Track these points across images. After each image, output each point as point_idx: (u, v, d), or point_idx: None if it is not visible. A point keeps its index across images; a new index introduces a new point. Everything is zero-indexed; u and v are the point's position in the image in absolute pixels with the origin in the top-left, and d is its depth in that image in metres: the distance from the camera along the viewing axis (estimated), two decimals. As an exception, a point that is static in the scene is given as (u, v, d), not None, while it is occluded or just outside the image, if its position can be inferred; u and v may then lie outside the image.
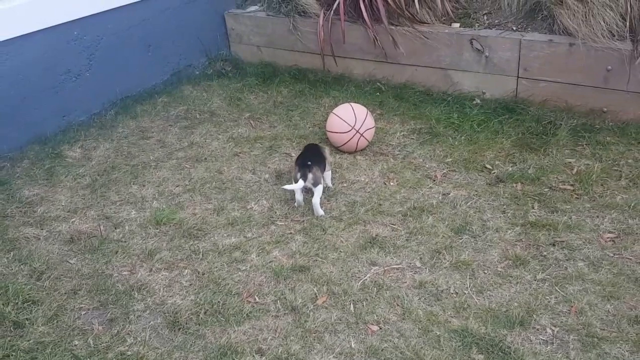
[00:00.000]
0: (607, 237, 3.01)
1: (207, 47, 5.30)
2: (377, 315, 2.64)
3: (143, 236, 3.23)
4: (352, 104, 4.03)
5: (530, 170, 3.58)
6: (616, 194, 3.32)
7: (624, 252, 2.91)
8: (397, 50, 4.59)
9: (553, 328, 2.53)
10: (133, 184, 3.73)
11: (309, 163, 3.30)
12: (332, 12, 4.66)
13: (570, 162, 3.62)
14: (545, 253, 2.95)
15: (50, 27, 4.14)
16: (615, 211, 3.19)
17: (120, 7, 4.56)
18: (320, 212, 3.29)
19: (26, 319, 2.68)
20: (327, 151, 3.63)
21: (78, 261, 3.07)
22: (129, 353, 2.50)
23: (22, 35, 3.99)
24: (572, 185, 3.42)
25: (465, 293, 2.74)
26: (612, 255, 2.90)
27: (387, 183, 3.60)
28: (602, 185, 3.40)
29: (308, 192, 3.42)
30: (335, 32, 4.72)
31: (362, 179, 3.66)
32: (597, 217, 3.16)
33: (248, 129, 4.34)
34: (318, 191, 3.29)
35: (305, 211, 3.37)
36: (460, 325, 2.56)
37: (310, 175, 3.26)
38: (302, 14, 4.95)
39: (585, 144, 3.77)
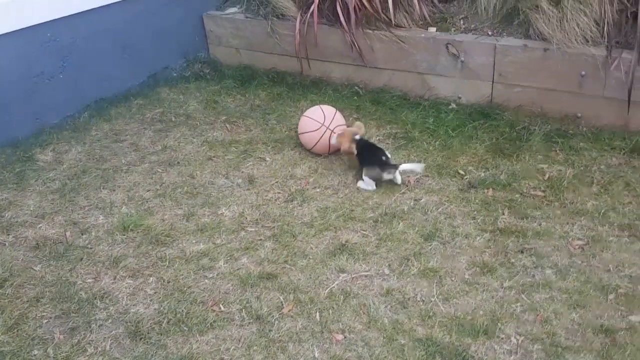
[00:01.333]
0: (576, 245, 3.01)
1: (185, 49, 5.26)
2: (342, 324, 2.62)
3: (109, 242, 3.19)
4: (321, 105, 4.03)
5: (502, 176, 3.58)
6: (587, 200, 3.32)
7: (592, 259, 2.91)
8: (373, 54, 4.57)
9: (518, 337, 2.52)
10: (103, 188, 3.68)
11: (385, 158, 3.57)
12: (309, 15, 4.64)
13: (542, 168, 3.62)
14: (513, 260, 2.94)
15: (23, 28, 4.08)
16: (585, 218, 3.19)
17: (95, 8, 4.51)
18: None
19: (-15, 327, 2.63)
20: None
21: (42, 268, 3.02)
22: (89, 363, 2.46)
23: (-7, 37, 3.94)
24: (543, 191, 3.42)
25: (431, 301, 2.73)
26: (580, 262, 2.90)
27: (359, 189, 3.57)
28: (573, 191, 3.40)
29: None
30: (312, 35, 4.70)
31: (336, 184, 3.64)
32: (567, 223, 3.16)
33: (223, 133, 4.30)
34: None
35: (276, 216, 3.35)
36: (425, 334, 2.55)
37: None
38: (281, 16, 4.93)
39: (559, 150, 3.77)
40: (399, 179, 3.57)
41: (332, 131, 3.83)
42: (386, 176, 3.54)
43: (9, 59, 4.04)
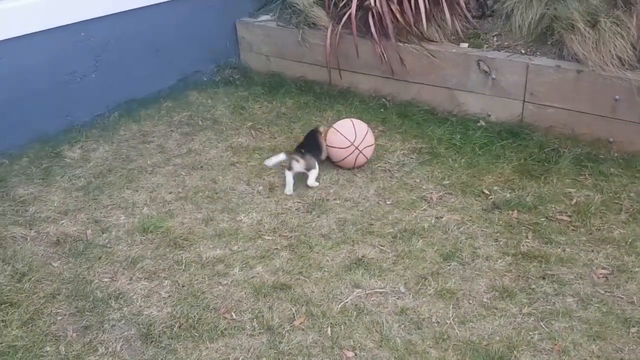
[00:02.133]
0: (600, 273, 2.92)
1: (216, 54, 5.30)
2: (354, 341, 2.58)
3: (128, 243, 3.21)
4: (353, 119, 3.99)
5: (529, 198, 3.50)
6: (614, 228, 3.22)
7: (616, 290, 2.82)
8: (403, 67, 4.54)
9: (533, 366, 2.45)
10: (127, 188, 3.72)
11: (302, 151, 3.66)
12: (341, 26, 4.63)
13: (570, 192, 3.53)
14: (534, 286, 2.86)
15: (58, 27, 4.16)
16: (611, 246, 3.09)
17: (130, 10, 4.58)
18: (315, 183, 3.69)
19: (1, 321, 2.67)
20: (322, 135, 3.89)
21: (61, 264, 3.06)
22: (98, 363, 2.47)
23: (29, 34, 4.01)
24: (569, 216, 3.33)
25: (447, 323, 2.67)
26: (603, 292, 2.81)
27: (380, 202, 3.54)
28: (600, 218, 3.30)
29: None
30: (342, 46, 4.69)
31: (356, 197, 3.61)
32: (592, 251, 3.07)
33: (248, 139, 4.31)
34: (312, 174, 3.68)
35: (294, 226, 3.33)
36: (437, 357, 2.49)
37: (301, 162, 3.62)
38: (312, 26, 4.93)
39: (588, 174, 3.67)
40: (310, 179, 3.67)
41: (361, 152, 3.78)
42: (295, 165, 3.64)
43: (42, 57, 4.12)
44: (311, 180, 3.66)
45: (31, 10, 4.01)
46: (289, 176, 3.63)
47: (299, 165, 3.63)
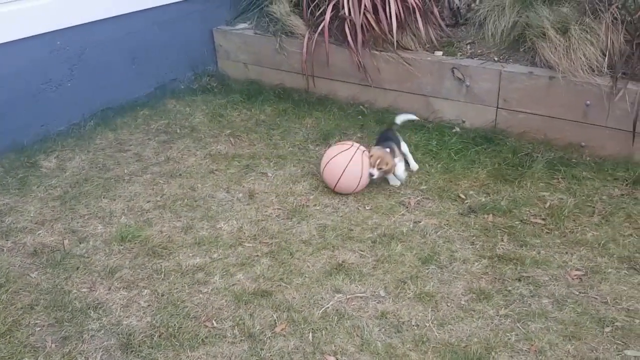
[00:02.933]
0: (575, 275, 2.99)
1: (194, 62, 5.31)
2: (335, 346, 2.60)
3: (106, 252, 3.19)
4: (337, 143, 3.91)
5: (503, 202, 3.57)
6: (587, 230, 3.30)
7: (590, 290, 2.89)
8: (379, 75, 4.59)
9: (511, 367, 2.49)
10: (104, 197, 3.70)
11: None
12: (318, 34, 4.67)
13: (544, 196, 3.60)
14: (510, 288, 2.92)
15: (33, 35, 4.14)
16: (585, 248, 3.17)
17: (106, 19, 4.57)
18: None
19: (-22, 333, 2.63)
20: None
21: (39, 275, 3.02)
22: (78, 374, 2.45)
23: (3, 43, 3.98)
24: (543, 219, 3.40)
25: (426, 326, 2.70)
26: (577, 293, 2.87)
27: (360, 208, 3.57)
28: (574, 220, 3.38)
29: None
30: (319, 54, 4.73)
31: (336, 202, 3.64)
32: (566, 253, 3.14)
33: (227, 146, 4.32)
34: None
35: (275, 233, 3.34)
36: (418, 359, 2.52)
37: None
38: (289, 34, 4.97)
39: (561, 178, 3.76)
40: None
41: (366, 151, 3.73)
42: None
43: (17, 65, 4.08)
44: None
45: (6, 19, 3.96)
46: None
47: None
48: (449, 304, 2.83)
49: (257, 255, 3.16)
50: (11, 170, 3.93)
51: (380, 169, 3.62)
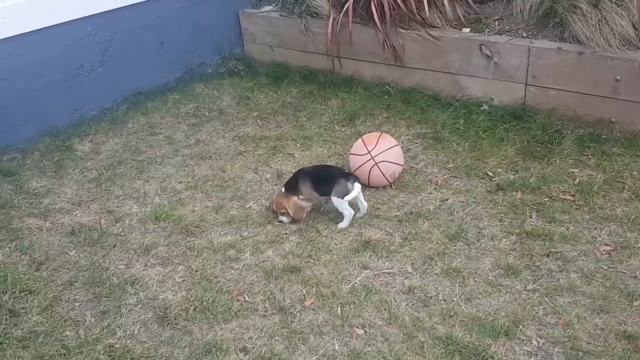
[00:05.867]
0: (603, 250, 2.98)
1: (220, 45, 5.36)
2: (363, 319, 2.65)
3: (142, 231, 3.30)
4: (384, 134, 3.71)
5: (532, 179, 3.55)
6: (617, 206, 3.27)
7: (619, 265, 2.88)
8: (406, 53, 4.58)
9: (539, 339, 2.51)
10: (137, 179, 3.80)
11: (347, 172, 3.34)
12: (343, 14, 4.68)
13: (573, 172, 3.58)
14: (538, 263, 2.92)
15: (65, 22, 4.24)
16: (614, 223, 3.15)
17: (134, 4, 4.64)
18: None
19: (22, 308, 2.75)
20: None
21: (77, 253, 3.14)
22: (117, 346, 2.56)
23: (37, 30, 4.09)
24: (572, 195, 3.38)
25: (453, 300, 2.74)
26: (606, 268, 2.87)
27: (386, 187, 3.60)
28: (603, 196, 3.35)
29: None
30: (344, 34, 4.74)
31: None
32: (595, 228, 3.13)
33: (254, 128, 4.38)
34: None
35: (303, 212, 3.40)
36: (445, 333, 2.56)
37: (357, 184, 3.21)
38: (314, 15, 4.98)
39: (591, 154, 3.72)
40: (362, 200, 3.26)
41: (377, 164, 3.49)
42: (351, 187, 3.17)
43: (50, 52, 4.19)
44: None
45: (40, 6, 4.07)
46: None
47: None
48: (476, 280, 2.86)
49: (286, 233, 3.23)
50: (47, 154, 4.06)
51: (283, 213, 3.27)
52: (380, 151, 3.50)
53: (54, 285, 2.91)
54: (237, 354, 2.50)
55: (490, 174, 3.65)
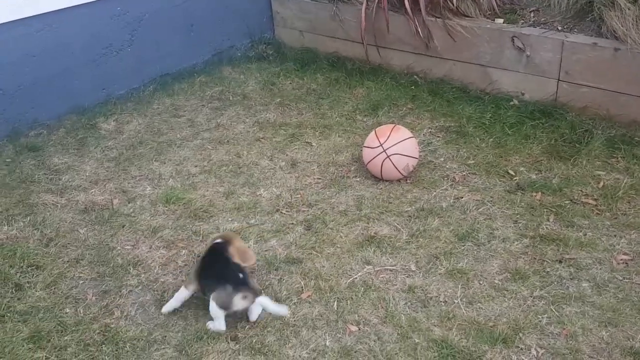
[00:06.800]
0: (621, 259, 2.83)
1: (251, 29, 5.33)
2: (358, 316, 2.61)
3: (152, 213, 3.33)
4: (398, 125, 3.61)
5: (555, 180, 3.40)
6: (641, 213, 3.10)
7: (635, 276, 2.72)
8: (436, 43, 4.45)
9: (538, 349, 2.41)
10: (155, 160, 3.84)
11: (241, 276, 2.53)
12: (376, 1, 4.57)
13: (599, 175, 3.41)
14: (549, 269, 2.80)
15: (95, 1, 4.29)
16: (635, 232, 2.98)
17: (166, -15, 4.66)
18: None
19: (27, 282, 2.83)
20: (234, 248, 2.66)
21: (87, 231, 3.20)
22: (112, 326, 2.60)
23: (66, 8, 4.16)
24: (595, 199, 3.22)
25: (454, 302, 2.65)
26: (621, 278, 2.72)
27: (401, 181, 3.51)
28: (628, 202, 3.18)
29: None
30: (376, 21, 4.63)
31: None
32: (615, 236, 2.97)
33: (276, 115, 4.35)
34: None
35: (312, 202, 3.36)
36: (441, 336, 2.49)
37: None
38: (346, 1, 4.88)
39: (620, 157, 3.53)
40: (254, 313, 2.54)
41: (389, 157, 3.38)
42: (239, 303, 2.47)
43: (79, 30, 4.26)
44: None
45: (69, -14, 4.14)
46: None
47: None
48: (481, 282, 2.76)
49: (292, 223, 3.20)
50: (72, 131, 4.15)
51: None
52: (392, 143, 3.40)
53: (60, 262, 2.97)
54: (228, 342, 2.50)
55: (512, 172, 3.52)
